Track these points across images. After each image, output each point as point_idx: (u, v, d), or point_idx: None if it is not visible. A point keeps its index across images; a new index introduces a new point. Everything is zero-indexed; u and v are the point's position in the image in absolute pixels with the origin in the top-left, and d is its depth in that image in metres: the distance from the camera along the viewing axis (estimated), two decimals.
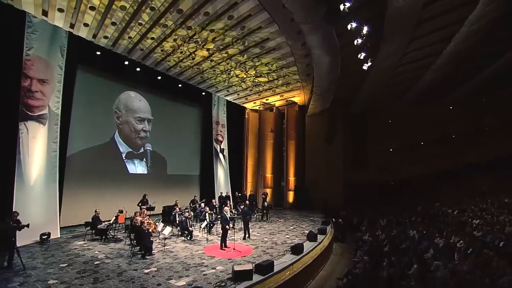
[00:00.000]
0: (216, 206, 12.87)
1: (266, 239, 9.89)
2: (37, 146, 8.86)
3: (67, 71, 9.88)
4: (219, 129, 17.20)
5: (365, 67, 11.06)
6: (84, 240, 9.02)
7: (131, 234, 8.07)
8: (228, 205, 12.41)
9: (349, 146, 20.03)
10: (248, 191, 17.38)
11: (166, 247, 8.55)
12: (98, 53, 11.22)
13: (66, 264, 6.89)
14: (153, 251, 8.04)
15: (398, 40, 11.08)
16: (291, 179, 19.13)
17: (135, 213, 9.30)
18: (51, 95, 9.35)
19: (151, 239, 8.13)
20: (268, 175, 19.11)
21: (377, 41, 10.89)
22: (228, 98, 18.02)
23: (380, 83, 15.51)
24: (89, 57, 11.09)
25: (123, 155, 12.81)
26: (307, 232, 10.10)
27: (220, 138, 17.28)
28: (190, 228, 9.71)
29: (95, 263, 7.06)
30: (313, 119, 19.34)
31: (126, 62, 12.29)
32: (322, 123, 19.22)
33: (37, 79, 9.01)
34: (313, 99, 16.92)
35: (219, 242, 8.72)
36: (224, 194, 15.33)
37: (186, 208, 11.04)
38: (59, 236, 9.20)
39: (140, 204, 11.19)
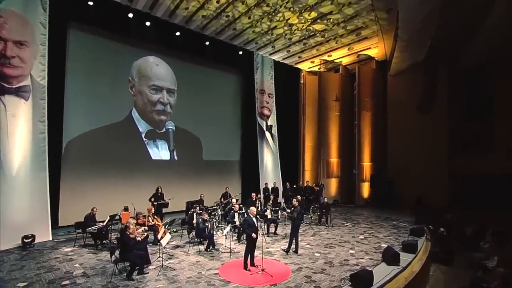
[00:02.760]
0: (258, 201, 11.39)
1: (318, 254, 8.07)
2: (18, 127, 8.30)
3: (54, 30, 9.07)
4: (265, 100, 15.84)
5: None
6: (74, 246, 8.37)
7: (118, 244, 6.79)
8: (257, 204, 10.94)
9: (458, 118, 15.19)
10: (305, 182, 15.46)
11: (170, 261, 7.34)
12: (91, 3, 9.99)
13: (26, 284, 5.92)
14: (147, 268, 6.89)
15: None
16: (366, 165, 16.97)
17: (137, 214, 8.26)
18: (33, 62, 8.64)
19: (140, 252, 6.81)
20: (333, 160, 17.26)
21: None
22: (275, 57, 16.05)
23: None
24: (83, 11, 10.12)
25: (143, 135, 12.14)
26: (385, 246, 8.29)
27: (266, 112, 15.90)
28: (207, 234, 8.33)
29: (62, 283, 5.97)
30: (398, 79, 16.40)
31: (130, 15, 10.87)
32: (413, 85, 15.76)
33: (12, 41, 8.33)
34: (398, 48, 13.43)
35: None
36: (271, 186, 13.80)
37: (205, 208, 9.73)
38: (50, 238, 8.71)
39: (153, 200, 10.26)
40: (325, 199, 12.22)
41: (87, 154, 10.63)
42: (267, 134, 15.75)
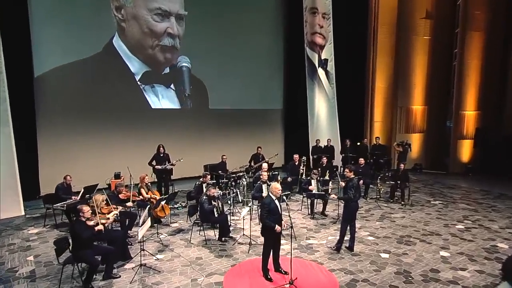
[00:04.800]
0: (303, 167, 10.25)
1: (386, 256, 6.32)
2: None
3: None
4: (318, 22, 14.10)
5: None
6: (44, 226, 7.61)
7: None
8: (301, 169, 10.02)
9: None
10: (373, 138, 14.11)
11: (158, 257, 6.19)
12: None
13: None
14: (123, 267, 5.75)
15: None
16: (469, 115, 14.92)
17: (116, 187, 7.15)
18: None
19: (107, 247, 5.71)
20: (417, 107, 15.52)
21: None
22: None
23: None
24: None
25: (137, 78, 11.02)
26: (504, 247, 6.68)
27: (319, 40, 14.26)
28: (217, 218, 7.09)
29: None
30: None
31: None
32: None
33: None
34: None
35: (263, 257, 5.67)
36: (323, 144, 12.89)
37: (224, 174, 9.01)
38: (22, 213, 8.27)
39: (154, 164, 9.37)
40: (402, 164, 10.16)
41: (67, 100, 9.97)
42: (320, 72, 14.28)
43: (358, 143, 13.02)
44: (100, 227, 5.31)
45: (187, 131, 12.05)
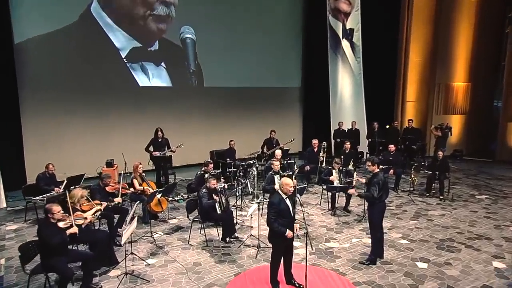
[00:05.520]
0: (323, 153, 9.98)
1: (424, 266, 5.70)
2: None
3: None
4: None
5: None
6: (25, 222, 7.31)
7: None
8: (321, 157, 9.70)
9: None
10: (405, 121, 13.55)
11: (148, 262, 5.72)
12: None
13: None
14: (107, 274, 5.30)
15: None
16: None
17: (102, 178, 6.68)
18: None
19: (84, 252, 5.32)
20: (458, 84, 14.82)
21: None
22: None
23: None
24: None
25: (122, 54, 10.54)
26: None
27: (343, 7, 13.88)
28: (220, 215, 6.62)
29: None
30: None
31: None
32: None
33: None
34: None
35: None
36: (347, 127, 12.53)
37: (214, 172, 8.05)
38: (3, 205, 7.98)
39: (151, 150, 9.07)
40: (441, 152, 9.46)
41: (51, 77, 9.61)
42: (345, 43, 13.76)
43: (388, 126, 12.70)
44: (74, 229, 4.72)
45: (191, 112, 11.79)
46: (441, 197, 8.63)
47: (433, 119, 14.11)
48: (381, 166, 6.16)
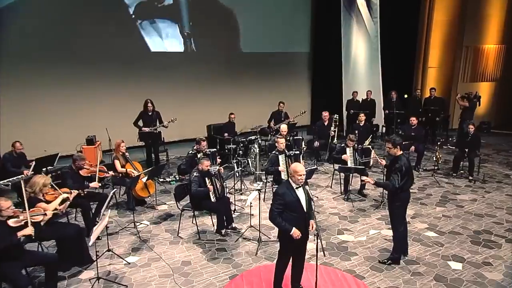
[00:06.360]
0: (334, 127, 9.63)
1: (458, 266, 5.06)
2: None
3: None
4: None
5: None
6: None
7: None
8: (332, 131, 9.44)
9: None
10: (427, 89, 12.77)
11: (129, 261, 5.10)
12: None
13: None
14: (78, 277, 4.75)
15: None
16: None
17: (74, 160, 5.91)
18: None
19: (47, 254, 4.67)
20: (489, 46, 13.86)
21: None
22: None
23: None
24: None
25: (130, 9, 10.09)
26: None
27: None
28: (213, 204, 5.96)
29: None
30: None
31: None
32: None
33: None
34: None
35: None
36: (362, 97, 12.05)
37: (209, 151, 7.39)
38: None
39: (141, 125, 8.51)
40: (472, 125, 8.53)
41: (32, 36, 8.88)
42: (360, 1, 12.93)
43: (407, 96, 12.14)
44: (28, 230, 3.97)
45: (187, 81, 11.25)
46: (470, 177, 7.86)
47: (458, 87, 13.33)
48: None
